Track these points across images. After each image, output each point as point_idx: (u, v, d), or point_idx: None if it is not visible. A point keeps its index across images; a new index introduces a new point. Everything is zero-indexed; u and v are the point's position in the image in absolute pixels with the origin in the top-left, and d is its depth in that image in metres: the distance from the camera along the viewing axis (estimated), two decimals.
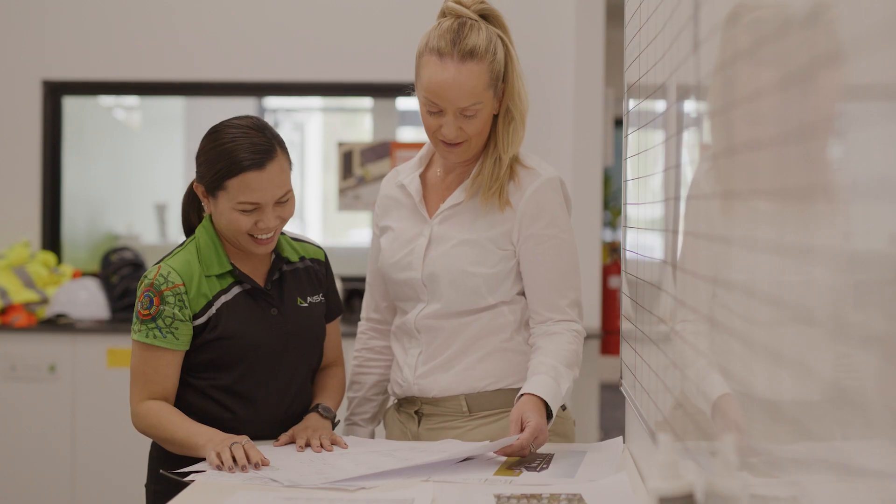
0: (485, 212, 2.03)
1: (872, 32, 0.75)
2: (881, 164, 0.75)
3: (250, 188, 1.91)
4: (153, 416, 1.94)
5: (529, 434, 1.82)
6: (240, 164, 1.90)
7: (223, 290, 1.99)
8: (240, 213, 1.93)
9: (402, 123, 6.40)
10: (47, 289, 4.43)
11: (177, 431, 1.92)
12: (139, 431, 1.99)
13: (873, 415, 0.77)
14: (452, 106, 1.94)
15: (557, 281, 2.02)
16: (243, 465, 1.80)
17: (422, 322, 2.06)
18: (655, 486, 1.18)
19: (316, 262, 2.14)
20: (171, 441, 1.93)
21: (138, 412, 1.96)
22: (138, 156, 6.53)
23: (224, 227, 1.97)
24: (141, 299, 1.96)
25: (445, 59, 1.94)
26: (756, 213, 1.10)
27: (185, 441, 1.90)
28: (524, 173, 2.03)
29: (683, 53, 1.46)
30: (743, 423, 1.11)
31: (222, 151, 1.92)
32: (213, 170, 1.93)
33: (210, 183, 1.94)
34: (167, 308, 1.94)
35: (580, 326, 2.04)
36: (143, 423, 1.96)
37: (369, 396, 2.22)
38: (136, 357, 1.97)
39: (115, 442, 4.15)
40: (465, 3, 1.99)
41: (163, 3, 4.65)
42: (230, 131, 1.94)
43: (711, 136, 1.32)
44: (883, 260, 0.75)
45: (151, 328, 1.94)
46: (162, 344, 1.94)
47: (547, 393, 1.89)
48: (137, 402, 1.97)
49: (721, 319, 1.25)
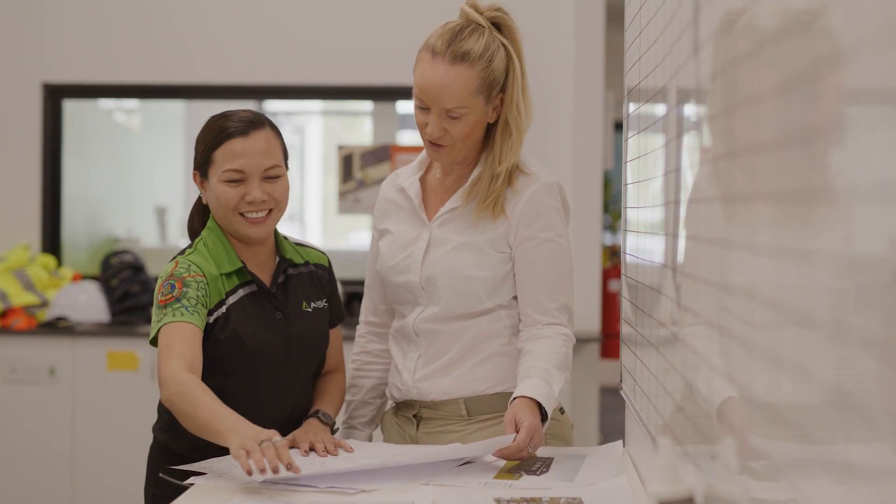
0: (483, 215, 2.03)
1: (872, 36, 0.75)
2: (882, 167, 0.74)
3: (234, 155, 1.94)
4: (181, 384, 1.80)
5: (525, 434, 1.82)
6: (225, 131, 1.95)
7: (231, 290, 1.98)
8: (227, 186, 1.94)
9: (403, 127, 6.40)
10: (47, 292, 4.43)
11: (202, 408, 1.78)
12: (164, 399, 1.84)
13: (874, 418, 0.77)
14: (437, 105, 1.95)
15: (549, 284, 2.02)
16: (275, 467, 1.65)
17: (420, 325, 2.06)
18: (655, 489, 1.17)
19: (320, 267, 2.13)
20: (192, 417, 1.79)
21: (167, 377, 1.82)
22: (138, 158, 6.54)
23: (215, 209, 1.99)
24: (160, 291, 1.92)
25: (437, 59, 1.95)
26: (757, 216, 1.10)
27: (208, 421, 1.76)
28: (522, 179, 2.03)
29: (684, 57, 1.46)
30: (747, 427, 1.11)
31: (211, 127, 1.98)
32: (202, 146, 1.98)
33: (200, 161, 1.98)
34: (190, 291, 1.91)
35: (569, 331, 2.03)
36: (168, 390, 1.82)
37: (367, 400, 2.22)
38: (163, 339, 1.88)
39: (115, 445, 4.15)
40: (479, 7, 1.99)
41: (163, 6, 4.65)
42: (217, 116, 2.01)
43: (711, 141, 1.32)
44: (884, 263, 0.75)
45: (177, 308, 1.88)
46: (189, 319, 1.88)
47: (539, 394, 1.89)
48: (166, 369, 1.83)
49: (722, 323, 1.25)
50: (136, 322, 4.37)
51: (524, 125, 2.01)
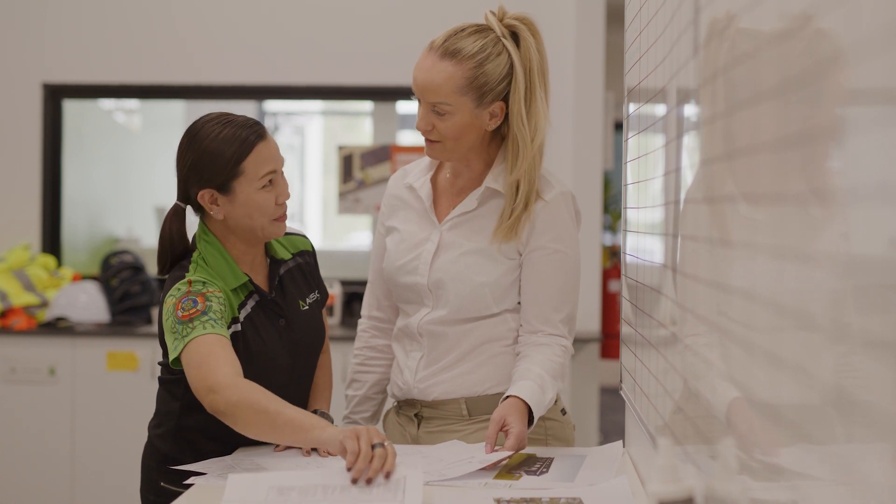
0: (495, 221, 2.02)
1: (870, 37, 0.75)
2: (880, 168, 0.75)
3: (266, 158, 1.90)
4: (244, 391, 1.74)
5: (514, 441, 1.83)
6: (247, 140, 1.88)
7: (241, 304, 1.95)
8: (263, 192, 1.89)
9: (403, 127, 6.40)
10: (47, 292, 4.43)
11: (283, 408, 1.73)
12: (219, 408, 1.75)
13: (873, 419, 0.77)
14: (423, 98, 1.95)
15: (555, 296, 2.02)
16: (377, 470, 1.60)
17: (425, 327, 2.05)
18: (655, 489, 1.17)
19: (305, 253, 2.12)
20: (275, 414, 1.73)
21: (223, 384, 1.74)
22: (138, 159, 6.53)
23: (246, 219, 1.91)
24: (180, 307, 1.82)
25: (429, 52, 1.95)
26: (756, 217, 1.10)
27: (297, 420, 1.72)
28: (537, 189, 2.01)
29: (684, 57, 1.46)
30: (755, 427, 1.11)
31: (224, 139, 1.88)
32: (223, 160, 1.87)
33: (223, 177, 1.88)
34: (213, 304, 1.84)
35: (569, 343, 2.03)
36: (227, 396, 1.74)
37: (370, 395, 2.21)
38: (200, 350, 1.78)
39: (114, 445, 4.15)
40: (501, 13, 1.98)
41: (163, 6, 4.65)
42: (213, 125, 1.90)
43: (703, 145, 1.32)
44: (883, 264, 0.75)
45: (205, 321, 1.80)
46: (221, 332, 1.81)
47: (531, 398, 1.89)
48: (219, 376, 1.75)
49: (722, 324, 1.25)
50: (136, 322, 4.37)
51: (528, 138, 1.95)
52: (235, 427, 1.76)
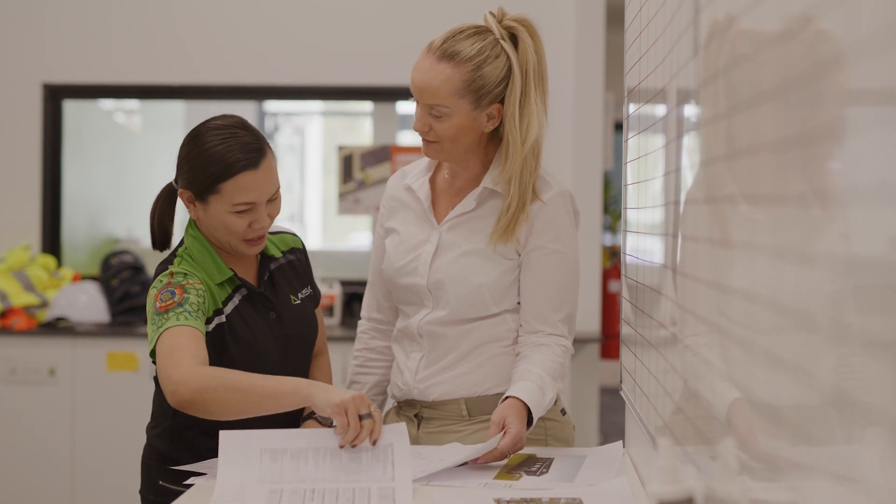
0: (494, 222, 2.02)
1: (870, 38, 0.75)
2: (880, 168, 0.75)
3: (246, 189, 1.87)
4: (205, 377, 1.73)
5: (511, 441, 1.83)
6: (235, 164, 1.86)
7: (226, 298, 1.95)
8: (235, 216, 1.88)
9: (403, 127, 6.39)
10: (47, 292, 4.44)
11: (253, 383, 1.72)
12: (186, 399, 1.72)
13: (873, 419, 0.77)
14: (421, 99, 1.96)
15: (554, 296, 2.02)
16: (363, 440, 1.69)
17: (425, 328, 2.05)
18: (655, 490, 1.17)
19: (296, 251, 2.12)
20: (247, 390, 1.73)
21: (184, 375, 1.72)
22: (138, 159, 6.53)
23: (215, 231, 1.92)
24: (158, 298, 1.84)
25: (428, 54, 1.95)
26: (756, 218, 1.10)
27: (272, 389, 1.73)
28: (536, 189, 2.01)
29: (684, 58, 1.46)
30: (755, 428, 1.11)
31: (214, 154, 1.87)
32: (205, 173, 1.87)
33: (201, 188, 1.89)
34: (191, 297, 1.85)
35: (569, 343, 2.03)
36: (191, 387, 1.71)
37: (370, 396, 2.21)
38: (167, 342, 1.78)
39: (114, 445, 4.15)
40: (501, 15, 1.98)
41: (163, 7, 4.65)
42: (216, 133, 1.89)
43: (702, 145, 1.32)
44: (883, 264, 0.75)
45: (179, 312, 1.81)
46: (194, 324, 1.81)
47: (531, 399, 1.89)
48: (181, 367, 1.73)
49: (722, 325, 1.25)
50: (136, 323, 4.37)
51: (519, 140, 1.94)
52: (212, 414, 1.74)
